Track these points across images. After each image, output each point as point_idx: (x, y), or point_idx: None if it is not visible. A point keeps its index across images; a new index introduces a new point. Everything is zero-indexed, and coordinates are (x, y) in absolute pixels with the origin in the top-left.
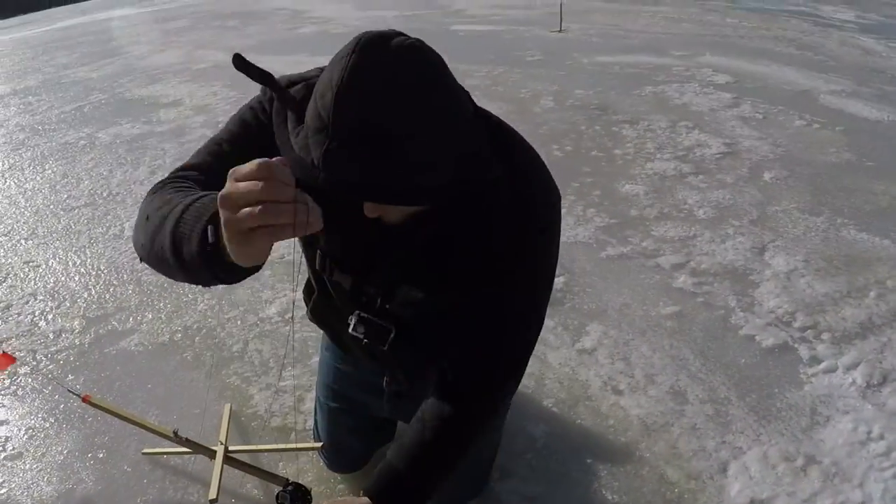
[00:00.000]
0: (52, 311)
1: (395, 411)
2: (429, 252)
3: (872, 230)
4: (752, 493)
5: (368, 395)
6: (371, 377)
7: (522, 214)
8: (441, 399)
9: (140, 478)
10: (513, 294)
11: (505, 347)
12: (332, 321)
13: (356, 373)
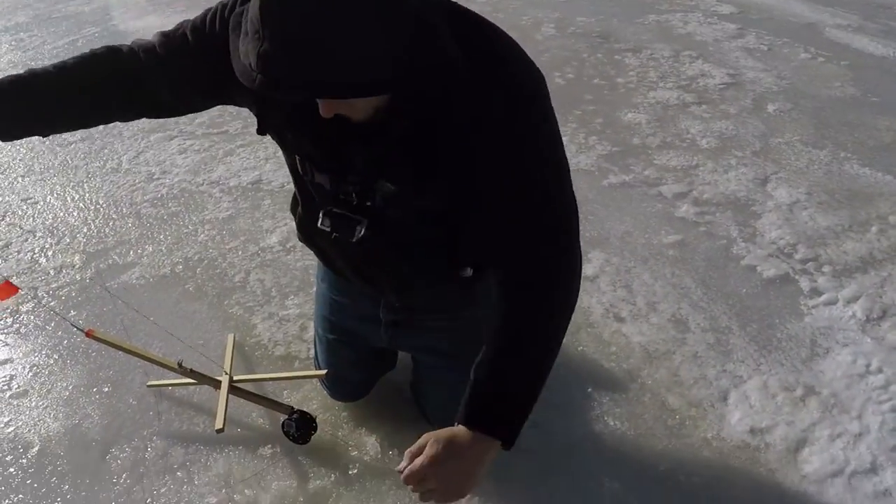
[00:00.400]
0: (51, 248)
1: (394, 341)
2: (409, 145)
3: (875, 165)
4: (751, 422)
5: (366, 325)
6: (367, 308)
7: (506, 91)
8: (505, 300)
9: (146, 410)
10: (524, 170)
11: (543, 221)
12: (319, 239)
13: (352, 304)
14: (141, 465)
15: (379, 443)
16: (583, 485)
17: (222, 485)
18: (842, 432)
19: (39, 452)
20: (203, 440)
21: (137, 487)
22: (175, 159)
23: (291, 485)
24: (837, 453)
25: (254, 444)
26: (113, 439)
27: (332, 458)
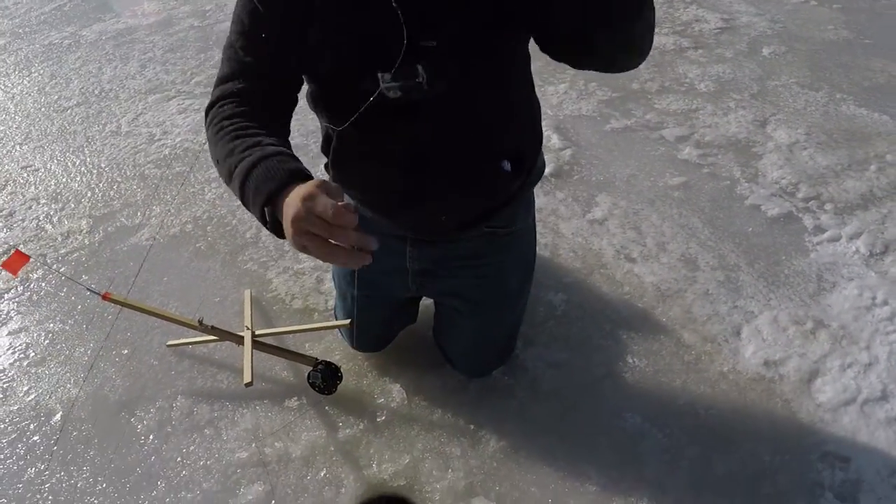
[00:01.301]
0: (56, 214)
1: (420, 288)
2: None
3: (871, 106)
4: (765, 355)
5: (392, 277)
6: (394, 260)
7: None
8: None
9: (168, 370)
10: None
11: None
12: (360, 164)
13: (378, 257)
14: (167, 425)
15: (404, 389)
16: (605, 421)
17: (251, 439)
18: (852, 363)
19: (63, 419)
20: (228, 396)
21: (166, 447)
22: (175, 119)
23: (321, 435)
24: (849, 383)
25: (280, 397)
26: (136, 401)
27: (358, 407)
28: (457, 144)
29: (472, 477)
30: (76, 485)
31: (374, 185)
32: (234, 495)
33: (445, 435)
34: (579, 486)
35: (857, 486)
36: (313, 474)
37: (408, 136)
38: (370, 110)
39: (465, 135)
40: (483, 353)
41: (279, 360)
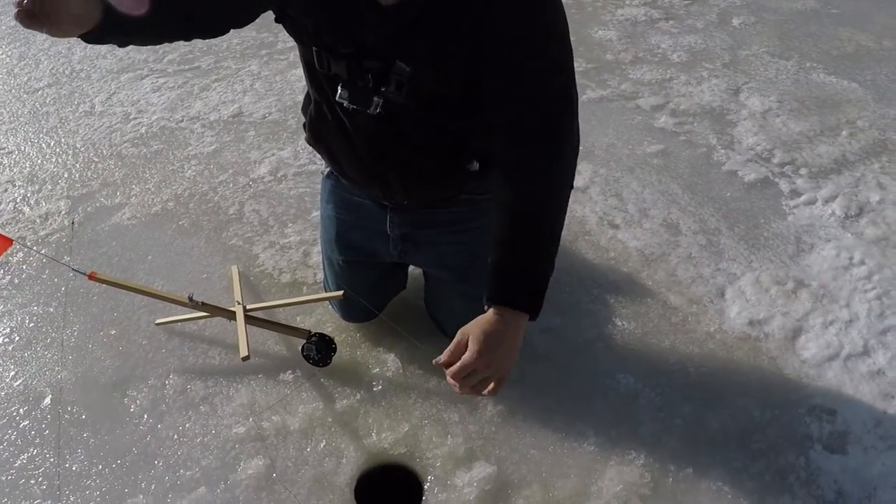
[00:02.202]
0: (34, 196)
1: (404, 255)
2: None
3: (840, 73)
4: (749, 315)
5: (375, 241)
6: (375, 224)
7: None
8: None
9: (158, 349)
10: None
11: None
12: (329, 135)
13: (360, 221)
14: (161, 403)
15: (399, 358)
16: (599, 382)
17: (248, 413)
18: (834, 320)
19: (53, 402)
20: (221, 372)
21: (161, 426)
22: (150, 98)
23: (318, 407)
24: (832, 339)
25: (274, 371)
26: (128, 381)
27: (354, 378)
28: (417, 148)
29: (472, 442)
30: (71, 468)
31: (342, 158)
32: (233, 471)
33: (442, 402)
34: (577, 447)
35: (845, 438)
36: (313, 446)
37: (367, 132)
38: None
39: (426, 141)
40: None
41: (271, 335)
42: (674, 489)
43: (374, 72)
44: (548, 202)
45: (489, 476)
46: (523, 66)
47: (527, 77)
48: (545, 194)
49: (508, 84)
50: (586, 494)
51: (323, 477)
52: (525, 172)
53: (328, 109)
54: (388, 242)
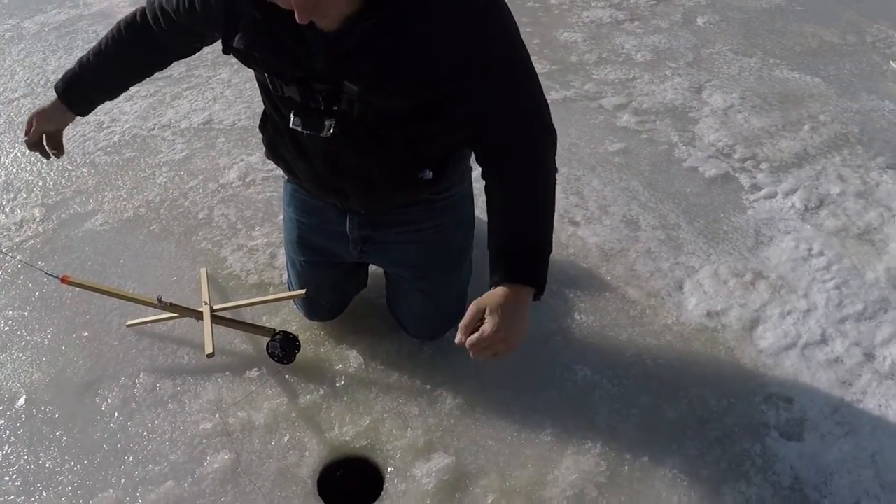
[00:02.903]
0: (9, 204)
1: (364, 256)
2: (371, 46)
3: (804, 69)
4: (707, 306)
5: (335, 243)
6: (334, 226)
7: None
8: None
9: (129, 349)
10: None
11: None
12: (286, 151)
13: (320, 224)
14: (132, 402)
15: (361, 355)
16: (556, 374)
17: (215, 410)
18: (791, 310)
19: (27, 402)
20: (189, 371)
21: (131, 423)
22: (122, 107)
23: (283, 402)
24: (789, 328)
25: (240, 369)
26: (99, 381)
27: (318, 374)
28: (371, 162)
29: (431, 434)
30: (44, 465)
31: (299, 172)
32: (200, 465)
33: (403, 396)
34: (534, 437)
35: (802, 425)
36: (277, 440)
37: (322, 150)
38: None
39: (380, 155)
40: (434, 317)
41: (238, 334)
42: (630, 477)
43: (325, 94)
44: (541, 186)
45: (448, 466)
46: (484, 90)
47: (491, 98)
48: (535, 181)
49: (474, 107)
50: (542, 483)
51: (287, 470)
52: (511, 170)
53: (284, 128)
54: (347, 244)
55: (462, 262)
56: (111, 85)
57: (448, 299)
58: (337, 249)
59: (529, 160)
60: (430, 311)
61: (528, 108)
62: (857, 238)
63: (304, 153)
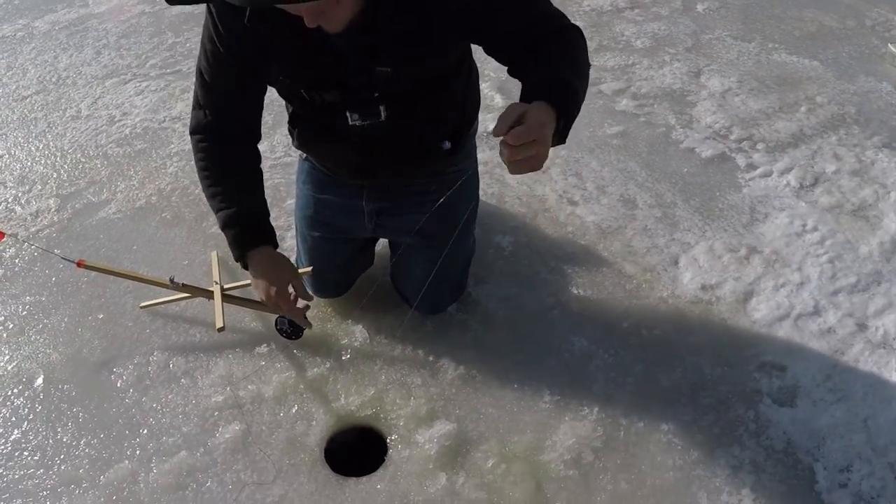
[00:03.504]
0: (24, 195)
1: (378, 229)
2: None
3: (802, 53)
4: (702, 280)
5: (350, 218)
6: (351, 201)
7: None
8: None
9: (143, 329)
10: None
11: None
12: (320, 141)
13: (337, 200)
14: (146, 379)
15: (366, 330)
16: (555, 346)
17: (225, 384)
18: (785, 282)
19: (45, 381)
20: (201, 348)
21: (146, 399)
22: (133, 101)
23: (291, 376)
24: (783, 300)
25: (250, 345)
26: (114, 360)
27: (324, 349)
28: (404, 135)
29: (433, 403)
30: (62, 439)
31: (331, 158)
32: (212, 435)
33: (406, 367)
34: (533, 405)
35: (794, 392)
36: (285, 411)
37: (362, 131)
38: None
39: (411, 128)
40: (438, 288)
41: (247, 313)
42: (625, 441)
43: (365, 85)
44: (575, 48)
45: (449, 433)
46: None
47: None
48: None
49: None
50: (541, 448)
51: (295, 439)
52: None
53: (322, 127)
54: (363, 217)
55: (468, 234)
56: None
57: (454, 269)
58: (351, 225)
59: (562, 42)
60: (436, 282)
61: (550, 10)
62: (852, 214)
63: (343, 141)
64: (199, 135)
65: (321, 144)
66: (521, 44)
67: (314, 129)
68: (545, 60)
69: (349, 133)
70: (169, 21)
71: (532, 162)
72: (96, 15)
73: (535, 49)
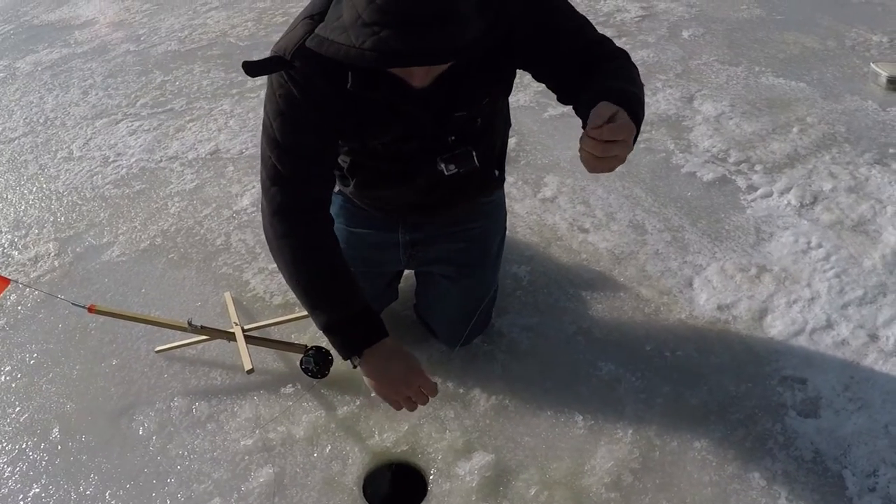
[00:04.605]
0: (21, 240)
1: (412, 261)
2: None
3: (788, 75)
4: (718, 300)
5: (384, 251)
6: (386, 234)
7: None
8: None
9: (160, 374)
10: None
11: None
12: (384, 187)
13: (370, 233)
14: (168, 425)
15: None
16: (583, 371)
17: (253, 427)
18: (797, 299)
19: (61, 432)
20: (224, 391)
21: (171, 445)
22: (127, 141)
23: (321, 415)
24: (796, 316)
25: (275, 386)
26: (133, 407)
27: (352, 386)
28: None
29: (469, 435)
30: (85, 492)
31: (389, 199)
32: (245, 480)
33: (438, 401)
34: (568, 431)
35: (817, 403)
36: (319, 451)
37: (433, 170)
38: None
39: (478, 162)
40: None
41: (269, 353)
42: (661, 461)
43: (442, 131)
44: (630, 68)
45: (489, 464)
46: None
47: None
48: (627, 64)
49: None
50: (580, 473)
51: (332, 479)
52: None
53: (388, 163)
54: (398, 249)
55: (497, 262)
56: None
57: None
58: (384, 257)
59: (618, 62)
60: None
61: (599, 35)
62: (852, 230)
63: (408, 184)
64: (287, 215)
65: (384, 190)
66: (578, 64)
67: (379, 174)
68: (608, 76)
69: (417, 175)
70: (155, 59)
71: (612, 162)
72: (79, 54)
73: (592, 69)
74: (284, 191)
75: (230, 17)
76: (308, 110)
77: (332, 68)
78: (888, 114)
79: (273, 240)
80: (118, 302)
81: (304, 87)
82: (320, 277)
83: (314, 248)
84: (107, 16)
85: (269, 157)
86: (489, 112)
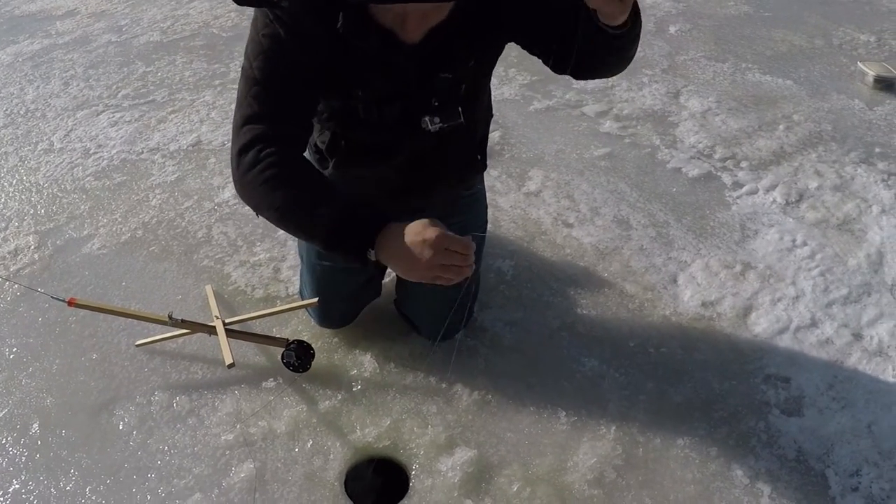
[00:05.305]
0: (1, 233)
1: None
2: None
3: (775, 73)
4: (702, 297)
5: None
6: None
7: None
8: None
9: (140, 368)
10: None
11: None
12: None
13: None
14: (149, 420)
15: (375, 359)
16: (566, 367)
17: (234, 421)
18: (781, 297)
19: (41, 428)
20: (205, 386)
21: (151, 440)
22: (108, 132)
23: (302, 409)
24: (781, 314)
25: (256, 380)
26: (113, 401)
27: (334, 380)
28: (452, 148)
29: (451, 430)
30: (65, 488)
31: (370, 181)
32: (226, 475)
33: (420, 396)
34: (551, 427)
35: (800, 402)
36: (300, 446)
37: (414, 146)
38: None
39: (459, 140)
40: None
41: (251, 346)
42: (645, 458)
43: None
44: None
45: (471, 459)
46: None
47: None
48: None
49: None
50: (563, 469)
51: (313, 474)
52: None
53: (369, 141)
54: None
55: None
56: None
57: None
58: None
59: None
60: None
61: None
62: (837, 228)
63: (387, 162)
64: (259, 145)
65: (363, 167)
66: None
67: (360, 150)
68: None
69: (398, 151)
70: (137, 50)
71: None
72: (61, 45)
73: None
74: (257, 126)
75: (213, 7)
76: (293, 50)
77: (322, 6)
78: (875, 113)
79: (244, 175)
80: (98, 295)
81: (292, 27)
82: (303, 189)
83: (291, 168)
84: (88, 6)
85: (246, 98)
86: (472, 81)
